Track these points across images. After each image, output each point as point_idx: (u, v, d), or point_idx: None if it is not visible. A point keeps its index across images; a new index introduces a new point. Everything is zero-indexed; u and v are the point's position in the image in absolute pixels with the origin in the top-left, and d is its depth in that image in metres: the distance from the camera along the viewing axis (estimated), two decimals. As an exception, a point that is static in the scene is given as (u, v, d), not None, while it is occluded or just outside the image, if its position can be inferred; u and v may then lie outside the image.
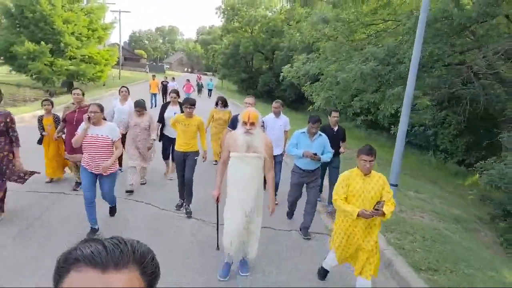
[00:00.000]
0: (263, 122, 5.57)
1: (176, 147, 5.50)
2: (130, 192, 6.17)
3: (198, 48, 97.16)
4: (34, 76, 25.57)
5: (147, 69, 64.27)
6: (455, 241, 5.25)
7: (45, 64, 24.33)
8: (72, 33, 25.57)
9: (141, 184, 6.72)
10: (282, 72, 14.26)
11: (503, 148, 10.76)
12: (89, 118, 4.39)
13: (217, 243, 4.39)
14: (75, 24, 25.59)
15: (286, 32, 22.87)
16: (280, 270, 4.20)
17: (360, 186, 3.46)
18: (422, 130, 17.64)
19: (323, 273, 4.03)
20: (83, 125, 4.48)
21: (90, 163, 4.49)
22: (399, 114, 7.30)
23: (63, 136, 6.11)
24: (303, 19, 16.19)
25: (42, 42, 23.87)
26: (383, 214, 3.27)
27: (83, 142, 4.47)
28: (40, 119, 6.34)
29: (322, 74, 12.98)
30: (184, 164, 5.45)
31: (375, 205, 3.27)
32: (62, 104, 13.60)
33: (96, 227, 4.70)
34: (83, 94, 5.97)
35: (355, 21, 13.26)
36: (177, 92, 7.03)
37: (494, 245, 6.73)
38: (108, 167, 4.47)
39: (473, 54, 12.29)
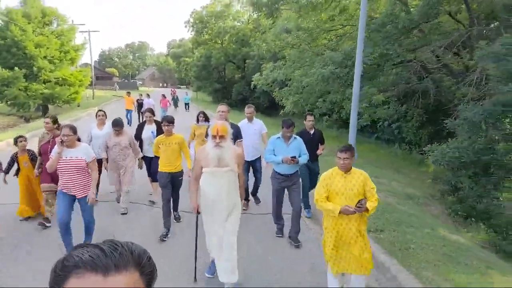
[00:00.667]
0: (237, 130, 5.64)
1: (160, 168, 5.36)
2: (125, 214, 6.10)
3: (170, 61, 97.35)
4: (9, 102, 25.70)
5: (116, 87, 63.63)
6: (403, 211, 6.32)
7: (19, 89, 24.58)
8: (45, 57, 25.93)
9: (122, 214, 6.20)
10: (252, 81, 15.33)
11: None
12: (62, 141, 4.33)
13: (195, 275, 4.09)
14: (47, 48, 25.97)
15: (253, 43, 24.02)
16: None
17: (342, 184, 3.49)
18: (387, 125, 19.01)
19: None
20: (56, 149, 4.41)
21: (68, 186, 4.42)
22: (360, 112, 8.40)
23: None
24: (268, 30, 17.36)
25: (16, 68, 24.12)
26: (367, 210, 3.34)
27: (58, 166, 4.39)
28: (15, 157, 5.93)
29: (290, 80, 14.12)
30: (171, 186, 5.35)
31: (357, 203, 3.32)
32: (39, 129, 14.11)
33: None
34: (54, 122, 5.70)
35: (315, 29, 14.51)
36: (151, 111, 6.90)
37: (442, 216, 7.89)
38: (94, 198, 4.49)
39: (422, 51, 13.71)
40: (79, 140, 4.68)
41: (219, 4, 43.58)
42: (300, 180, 5.49)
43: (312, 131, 6.28)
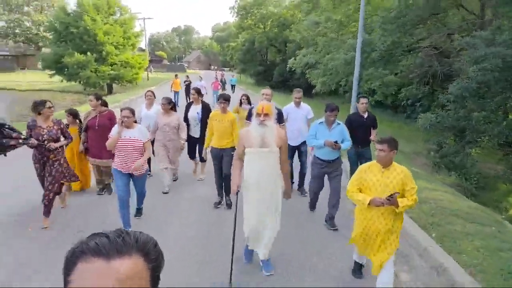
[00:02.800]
0: (280, 114, 5.63)
1: (213, 144, 5.48)
2: (166, 193, 6.23)
3: (214, 45, 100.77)
4: (82, 83, 30.16)
5: (151, 69, 59.55)
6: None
7: (91, 71, 28.86)
8: (111, 43, 30.00)
9: (173, 180, 6.77)
10: (288, 64, 18.17)
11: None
12: (122, 122, 4.55)
13: (230, 279, 3.73)
14: (113, 35, 30.02)
15: (293, 28, 26.51)
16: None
17: (378, 179, 3.27)
18: (410, 103, 21.08)
19: (356, 268, 3.90)
20: (116, 128, 4.65)
21: (124, 164, 4.66)
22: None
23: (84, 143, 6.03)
24: (301, 22, 19.99)
25: (88, 53, 28.33)
26: (396, 204, 3.13)
27: (116, 145, 4.63)
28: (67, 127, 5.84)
29: (320, 63, 16.79)
30: (220, 160, 5.47)
31: (389, 196, 3.10)
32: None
33: (129, 229, 5.85)
34: (98, 99, 5.97)
35: (345, 18, 16.98)
36: (198, 90, 6.88)
37: (424, 166, 10.44)
38: (139, 167, 4.67)
39: (440, 37, 15.77)
40: (135, 122, 4.88)
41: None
42: (342, 167, 5.22)
43: (365, 115, 5.95)
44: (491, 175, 10.75)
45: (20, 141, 4.72)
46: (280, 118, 5.56)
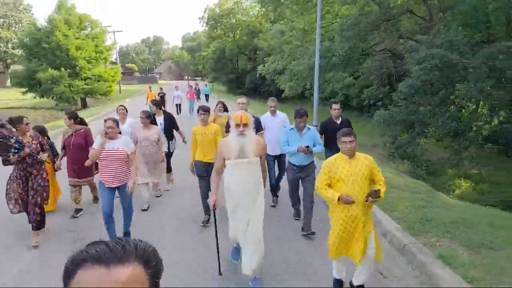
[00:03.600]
0: (258, 123, 5.62)
1: (197, 158, 5.36)
2: (145, 210, 6.08)
3: (185, 55, 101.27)
4: (55, 98, 30.31)
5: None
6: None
7: (65, 86, 29.11)
8: (84, 57, 30.36)
9: (157, 196, 6.64)
10: (257, 71, 19.39)
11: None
12: (105, 133, 4.49)
13: (219, 268, 3.99)
14: (86, 50, 30.41)
15: (257, 42, 27.74)
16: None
17: (347, 170, 3.36)
18: (372, 103, 22.73)
19: (339, 286, 3.72)
20: (98, 139, 4.56)
21: (109, 177, 4.57)
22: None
23: (57, 162, 5.99)
24: (267, 31, 21.33)
25: (62, 68, 28.62)
26: (381, 197, 3.29)
27: (100, 157, 4.56)
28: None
29: (287, 69, 18.08)
30: (206, 174, 5.20)
31: (370, 194, 3.27)
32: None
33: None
34: (70, 118, 5.86)
35: (307, 27, 18.36)
36: (155, 102, 7.22)
37: (382, 157, 11.78)
38: (132, 186, 4.64)
39: (392, 41, 17.36)
40: (119, 133, 4.79)
41: (229, 0, 47.41)
42: (315, 172, 5.14)
43: (338, 121, 5.95)
44: (440, 161, 12.23)
45: (13, 150, 4.64)
46: (258, 126, 5.53)
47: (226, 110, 7.17)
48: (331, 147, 5.59)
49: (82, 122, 6.17)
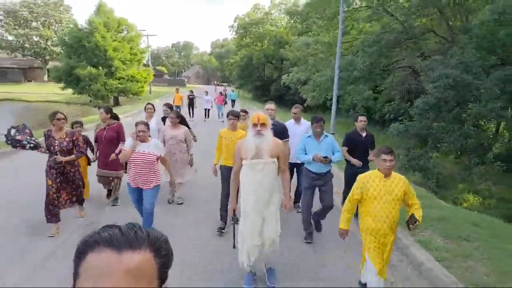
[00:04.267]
0: (284, 129, 5.52)
1: (222, 162, 5.34)
2: (181, 204, 6.30)
3: (213, 60, 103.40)
4: (91, 95, 32.19)
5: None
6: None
7: (101, 84, 30.93)
8: (119, 58, 32.17)
9: (178, 204, 6.44)
10: (282, 80, 20.36)
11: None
12: (137, 136, 4.59)
13: (234, 243, 4.09)
14: (122, 51, 32.23)
15: (283, 52, 28.79)
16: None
17: (381, 188, 3.36)
18: (392, 117, 23.31)
19: None
20: (130, 142, 4.68)
21: (136, 178, 4.72)
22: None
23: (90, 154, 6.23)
24: (294, 43, 22.33)
25: (100, 67, 30.44)
26: (418, 222, 3.34)
27: (130, 159, 4.68)
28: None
29: (310, 79, 18.98)
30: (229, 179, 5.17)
31: (410, 220, 3.34)
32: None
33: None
34: (107, 113, 6.05)
35: (332, 41, 19.22)
36: (169, 105, 7.37)
37: (395, 169, 12.43)
38: (175, 184, 4.91)
39: (412, 58, 18.02)
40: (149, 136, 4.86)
41: (258, 11, 48.86)
42: (333, 181, 5.16)
43: (364, 134, 5.78)
44: (451, 176, 12.79)
45: (31, 145, 4.81)
46: (284, 134, 5.36)
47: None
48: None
49: (115, 117, 6.33)
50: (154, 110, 6.97)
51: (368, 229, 3.46)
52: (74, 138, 5.06)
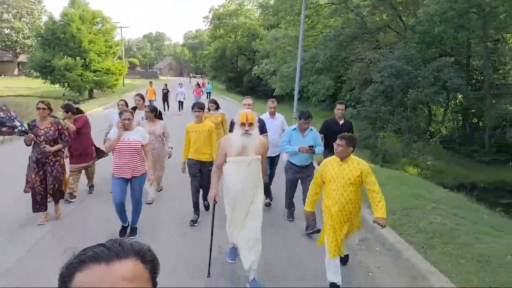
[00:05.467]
0: (263, 124, 5.43)
1: (190, 155, 5.36)
2: (150, 203, 6.14)
3: (186, 52, 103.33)
4: (67, 85, 32.72)
5: None
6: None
7: (77, 75, 31.54)
8: (95, 51, 32.84)
9: (158, 191, 6.64)
10: (252, 71, 22.07)
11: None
12: (122, 124, 4.53)
13: (208, 270, 3.92)
14: (97, 44, 32.91)
15: (254, 45, 30.43)
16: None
17: (335, 172, 3.55)
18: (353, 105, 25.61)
19: None
20: (115, 130, 4.64)
21: (122, 168, 4.61)
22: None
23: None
24: (264, 37, 24.08)
25: (77, 57, 31.01)
26: (384, 222, 3.46)
27: (115, 148, 4.60)
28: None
29: (278, 71, 20.79)
30: (198, 173, 5.35)
31: (377, 222, 3.46)
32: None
33: (127, 223, 4.90)
34: (67, 112, 6.04)
35: (298, 35, 21.03)
36: (140, 96, 7.15)
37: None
38: (152, 178, 4.79)
39: (369, 52, 20.10)
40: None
41: (233, 2, 50.15)
42: (315, 172, 5.00)
43: (341, 121, 5.90)
44: (395, 152, 14.95)
45: (16, 130, 4.92)
46: (263, 128, 5.28)
47: (217, 108, 7.31)
48: (330, 148, 5.13)
49: (78, 111, 6.36)
50: (127, 106, 6.62)
51: (325, 209, 3.71)
52: (59, 127, 5.11)
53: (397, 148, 14.99)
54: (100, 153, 6.50)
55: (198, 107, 5.29)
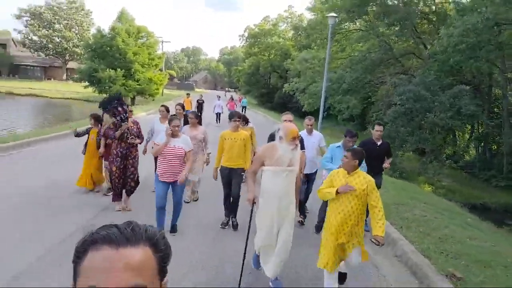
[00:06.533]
0: (302, 141, 5.24)
1: (223, 163, 5.46)
2: (187, 202, 6.35)
3: (221, 67, 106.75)
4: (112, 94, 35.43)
5: None
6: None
7: (120, 85, 34.24)
8: (139, 62, 35.57)
9: (194, 200, 6.78)
10: (284, 88, 23.73)
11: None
12: (171, 131, 4.87)
13: (239, 283, 3.92)
14: (141, 56, 35.67)
15: (286, 65, 32.16)
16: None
17: (342, 183, 3.61)
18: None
19: None
20: (163, 137, 4.99)
21: (166, 172, 4.93)
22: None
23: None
24: (295, 58, 25.78)
25: (118, 69, 33.76)
26: (382, 239, 3.53)
27: (162, 153, 4.93)
28: (89, 130, 6.84)
29: (307, 89, 22.34)
30: (229, 180, 5.46)
31: (376, 240, 3.57)
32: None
33: (163, 229, 4.71)
34: (131, 111, 6.46)
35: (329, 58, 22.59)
36: (183, 106, 7.45)
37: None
38: (183, 178, 4.96)
39: (395, 75, 21.30)
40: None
41: (267, 23, 52.49)
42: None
43: (379, 142, 5.85)
44: (412, 170, 15.97)
45: (118, 117, 5.70)
46: (301, 145, 5.12)
47: (247, 122, 7.35)
48: (368, 168, 5.04)
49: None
50: (168, 112, 6.87)
51: (327, 220, 3.81)
52: (138, 126, 5.98)
53: (415, 167, 16.01)
54: None
55: (238, 116, 5.50)
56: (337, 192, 3.56)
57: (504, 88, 16.14)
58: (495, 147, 18.73)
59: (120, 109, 5.66)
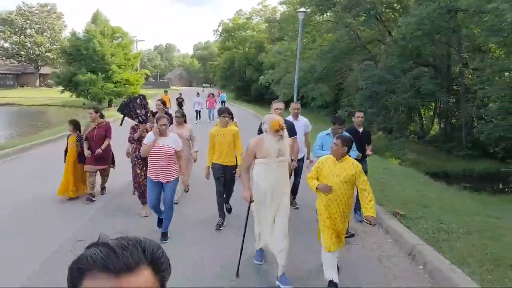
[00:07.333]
0: (292, 127, 5.36)
1: (214, 159, 5.42)
2: (176, 203, 6.01)
3: (195, 62, 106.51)
4: (89, 97, 35.84)
5: None
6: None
7: (98, 88, 34.59)
8: (116, 63, 35.94)
9: (185, 191, 6.93)
10: (259, 80, 25.00)
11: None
12: (159, 130, 4.75)
13: (237, 269, 4.03)
14: (118, 56, 36.06)
15: (260, 59, 33.46)
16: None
17: (331, 169, 3.74)
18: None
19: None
20: (151, 135, 4.84)
21: (157, 172, 4.84)
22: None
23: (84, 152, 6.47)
24: (269, 50, 27.05)
25: (98, 72, 34.12)
26: (374, 219, 3.69)
27: (151, 153, 4.83)
28: (68, 136, 6.79)
29: (282, 79, 23.67)
30: (223, 177, 5.42)
31: (367, 220, 3.70)
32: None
33: (162, 215, 5.13)
34: (96, 112, 6.48)
35: (302, 48, 23.90)
36: (163, 102, 7.34)
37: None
38: (186, 179, 4.95)
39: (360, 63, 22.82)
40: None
41: (241, 17, 53.41)
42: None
43: (361, 129, 5.97)
44: (380, 147, 17.54)
45: (138, 118, 5.69)
46: (292, 130, 5.21)
47: (232, 118, 7.13)
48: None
49: (102, 116, 6.74)
50: (164, 106, 7.09)
51: (319, 206, 3.89)
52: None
53: (382, 144, 17.60)
54: (113, 161, 7.02)
55: (228, 112, 5.42)
56: (316, 188, 3.78)
57: (460, 67, 17.83)
58: (455, 121, 20.54)
59: (138, 111, 5.67)
